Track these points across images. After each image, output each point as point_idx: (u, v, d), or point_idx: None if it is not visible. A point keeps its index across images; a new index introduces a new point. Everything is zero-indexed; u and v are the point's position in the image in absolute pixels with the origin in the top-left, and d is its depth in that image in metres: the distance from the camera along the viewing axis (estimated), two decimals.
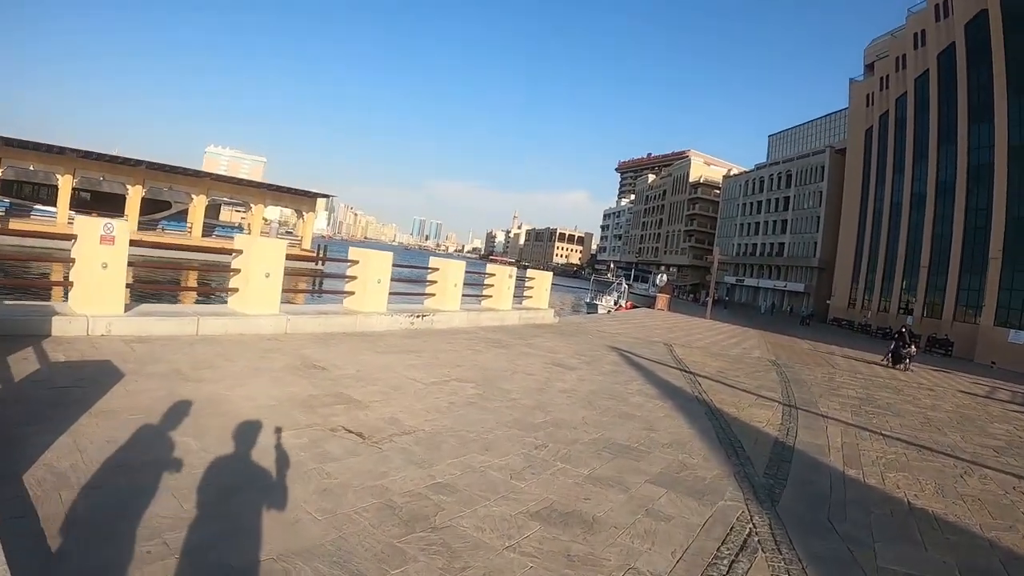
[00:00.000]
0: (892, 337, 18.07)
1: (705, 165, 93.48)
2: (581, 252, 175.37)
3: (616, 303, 35.45)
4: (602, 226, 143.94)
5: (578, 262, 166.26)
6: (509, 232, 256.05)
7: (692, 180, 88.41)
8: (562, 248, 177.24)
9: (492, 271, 13.23)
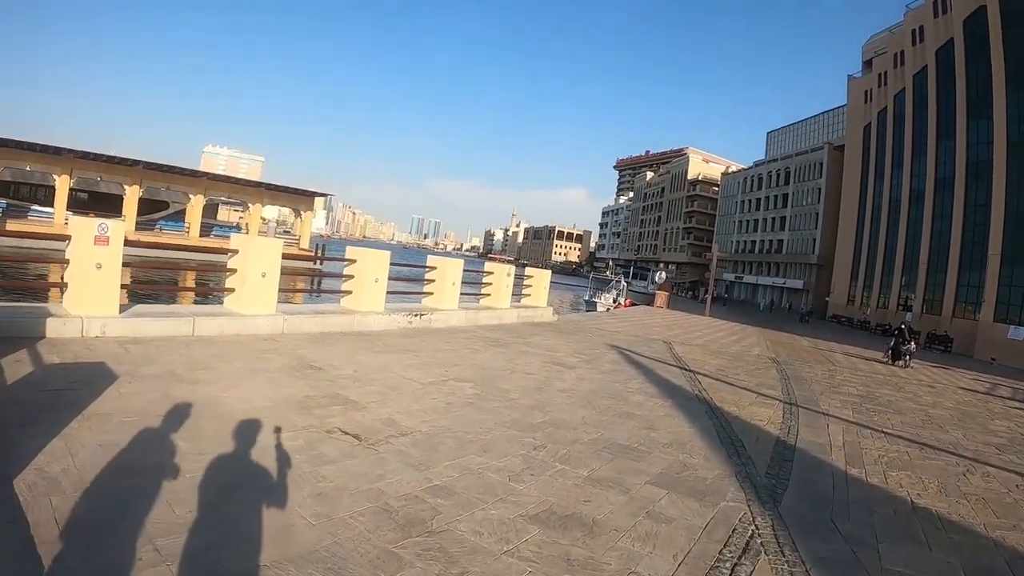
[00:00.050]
0: (892, 334, 18.03)
1: (703, 162, 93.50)
2: (580, 250, 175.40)
3: (615, 301, 35.47)
4: (601, 224, 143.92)
5: (577, 260, 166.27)
6: (508, 230, 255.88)
7: (691, 177, 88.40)
8: (561, 246, 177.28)
9: (490, 269, 13.18)
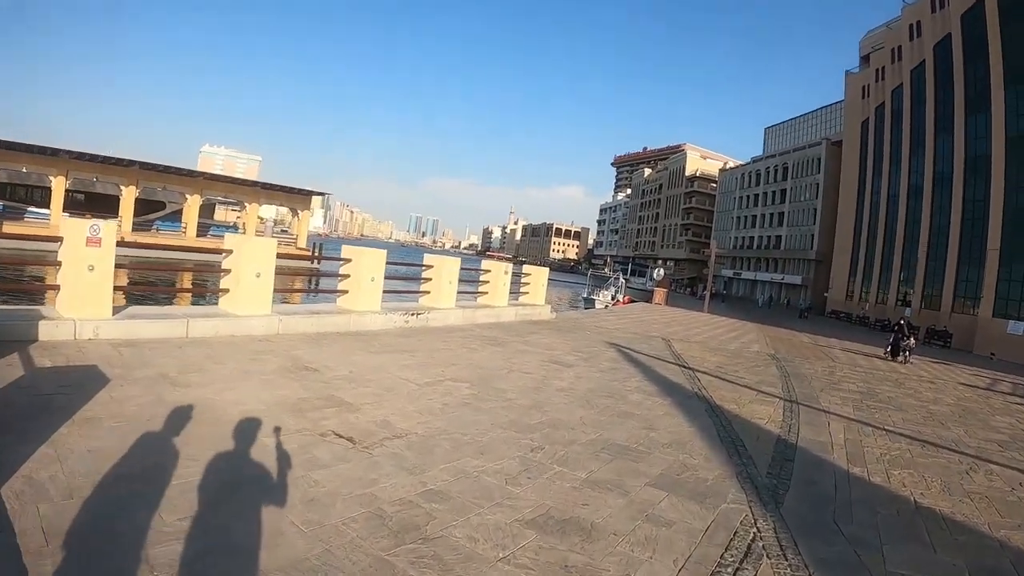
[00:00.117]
0: (891, 329, 18.02)
1: (701, 159, 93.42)
2: (578, 247, 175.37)
3: (613, 298, 35.44)
4: (598, 221, 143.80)
5: (575, 257, 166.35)
6: (506, 228, 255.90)
7: (688, 174, 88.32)
8: (559, 243, 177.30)
9: (488, 267, 13.10)
